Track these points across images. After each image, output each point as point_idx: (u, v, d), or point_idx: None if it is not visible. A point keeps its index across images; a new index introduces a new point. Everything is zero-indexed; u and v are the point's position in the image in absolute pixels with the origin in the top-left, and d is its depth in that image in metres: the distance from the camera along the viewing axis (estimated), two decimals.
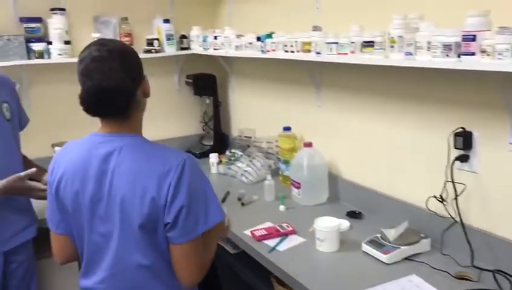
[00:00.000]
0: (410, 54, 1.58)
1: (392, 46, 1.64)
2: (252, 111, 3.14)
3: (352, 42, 1.80)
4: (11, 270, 1.98)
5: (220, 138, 3.33)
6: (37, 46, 2.69)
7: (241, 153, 2.89)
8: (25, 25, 2.72)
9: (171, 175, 1.26)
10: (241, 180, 2.70)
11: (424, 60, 1.53)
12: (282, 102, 2.77)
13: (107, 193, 1.30)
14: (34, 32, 2.74)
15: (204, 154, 3.14)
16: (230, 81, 3.32)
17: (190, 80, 3.23)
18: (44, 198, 1.62)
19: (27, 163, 2.06)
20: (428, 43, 1.51)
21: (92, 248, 1.37)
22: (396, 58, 1.63)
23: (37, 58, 2.69)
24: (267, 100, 2.93)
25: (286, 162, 2.54)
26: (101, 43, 1.31)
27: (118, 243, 1.32)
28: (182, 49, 3.16)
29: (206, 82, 3.24)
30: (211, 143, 3.31)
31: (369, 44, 1.72)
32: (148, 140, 1.37)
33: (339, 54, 1.87)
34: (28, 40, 2.69)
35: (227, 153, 2.98)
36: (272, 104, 2.89)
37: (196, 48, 3.11)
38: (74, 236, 1.42)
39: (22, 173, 1.85)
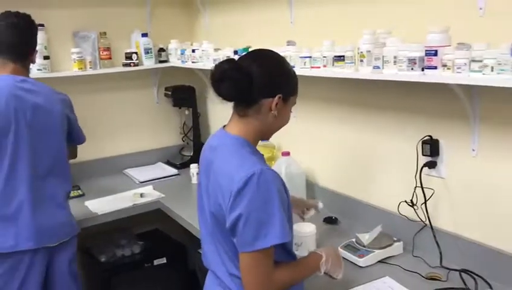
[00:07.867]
0: (378, 67, 1.67)
1: (361, 60, 1.73)
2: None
3: (324, 56, 1.89)
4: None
5: (200, 148, 3.34)
6: None
7: None
8: None
9: (235, 184, 1.30)
10: None
11: (391, 73, 1.63)
12: None
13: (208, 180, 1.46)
14: None
15: (185, 165, 3.18)
16: (209, 92, 3.37)
17: (169, 92, 3.28)
18: None
19: None
20: (395, 57, 1.61)
21: None
22: (365, 72, 1.73)
23: None
24: None
25: None
26: None
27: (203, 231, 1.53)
28: (161, 62, 3.22)
29: (185, 94, 3.29)
30: (191, 154, 3.35)
31: (340, 58, 1.81)
32: (246, 146, 1.41)
33: (312, 67, 1.96)
34: None
35: None
36: None
37: (174, 61, 3.17)
38: None
39: None
